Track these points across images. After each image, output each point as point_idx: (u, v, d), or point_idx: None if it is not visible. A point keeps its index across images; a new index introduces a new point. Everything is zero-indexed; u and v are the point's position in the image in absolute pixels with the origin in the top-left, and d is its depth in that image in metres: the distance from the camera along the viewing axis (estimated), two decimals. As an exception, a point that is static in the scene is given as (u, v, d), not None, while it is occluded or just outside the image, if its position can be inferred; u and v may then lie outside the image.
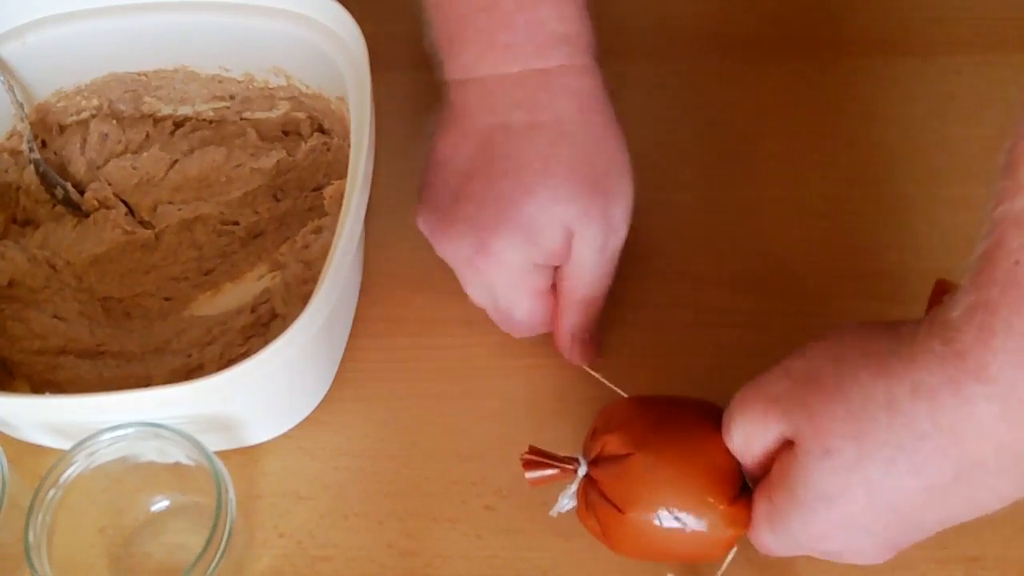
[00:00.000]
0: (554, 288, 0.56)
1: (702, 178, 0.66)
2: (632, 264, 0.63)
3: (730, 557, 0.50)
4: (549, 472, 0.50)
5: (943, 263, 0.59)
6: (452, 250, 0.55)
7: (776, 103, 0.69)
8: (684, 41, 0.72)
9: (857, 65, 0.70)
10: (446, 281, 0.63)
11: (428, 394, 0.60)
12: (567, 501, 0.51)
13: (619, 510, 0.48)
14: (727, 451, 0.49)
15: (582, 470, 0.50)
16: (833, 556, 0.47)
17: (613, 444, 0.49)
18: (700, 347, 0.59)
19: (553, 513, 0.52)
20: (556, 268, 0.55)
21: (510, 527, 0.55)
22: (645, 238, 0.64)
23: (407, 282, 0.64)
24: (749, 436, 0.47)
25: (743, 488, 0.49)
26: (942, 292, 0.46)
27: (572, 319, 0.57)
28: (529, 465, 0.50)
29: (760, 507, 0.47)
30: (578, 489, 0.51)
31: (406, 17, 0.75)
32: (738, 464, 0.49)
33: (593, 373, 0.55)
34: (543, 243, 0.53)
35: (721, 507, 0.48)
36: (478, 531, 0.55)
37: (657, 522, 0.48)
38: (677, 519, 0.48)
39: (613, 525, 0.49)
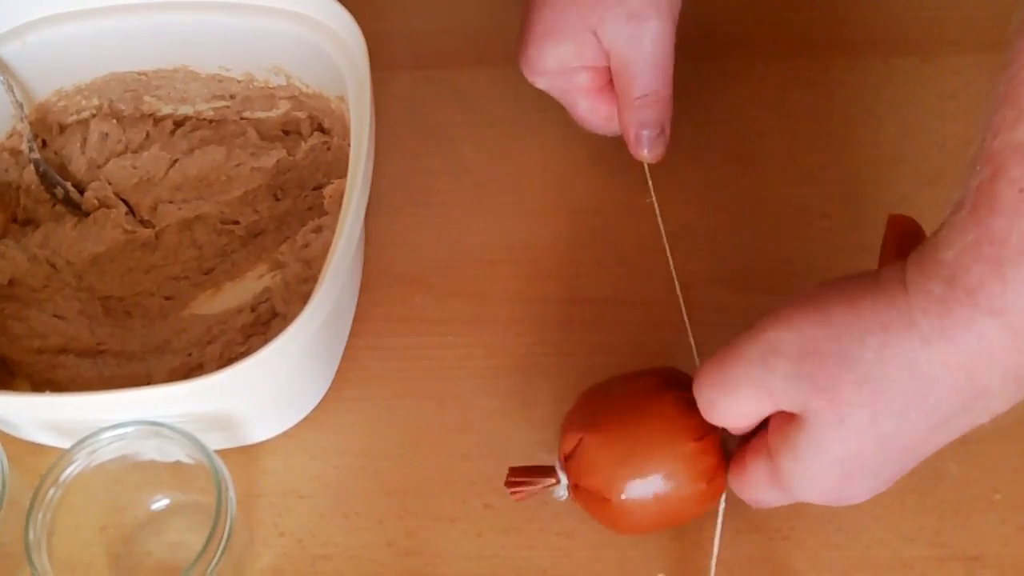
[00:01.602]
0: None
1: (702, 178, 0.66)
2: (632, 264, 0.63)
3: (721, 512, 0.51)
4: (533, 488, 0.51)
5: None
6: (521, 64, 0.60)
7: (776, 103, 0.69)
8: (684, 41, 0.72)
9: (857, 65, 0.70)
10: (446, 281, 0.64)
11: (428, 394, 0.60)
12: (562, 492, 0.52)
13: (603, 497, 0.49)
14: (677, 406, 0.49)
15: (563, 478, 0.51)
16: (832, 502, 0.47)
17: (568, 438, 0.50)
18: (700, 347, 0.59)
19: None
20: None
21: (510, 526, 0.55)
22: (645, 238, 0.64)
23: (407, 282, 0.64)
24: (738, 416, 0.47)
25: (706, 434, 0.49)
26: (901, 229, 0.47)
27: (631, 116, 0.58)
28: (513, 486, 0.51)
29: (758, 469, 0.47)
30: (568, 492, 0.52)
31: (406, 17, 0.76)
32: (693, 415, 0.49)
33: None
34: (570, 46, 0.56)
35: (684, 456, 0.49)
36: (478, 530, 0.55)
37: (638, 494, 0.49)
38: (651, 484, 0.49)
39: (605, 512, 0.50)
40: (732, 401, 0.46)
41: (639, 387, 0.51)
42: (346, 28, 0.60)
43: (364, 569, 0.55)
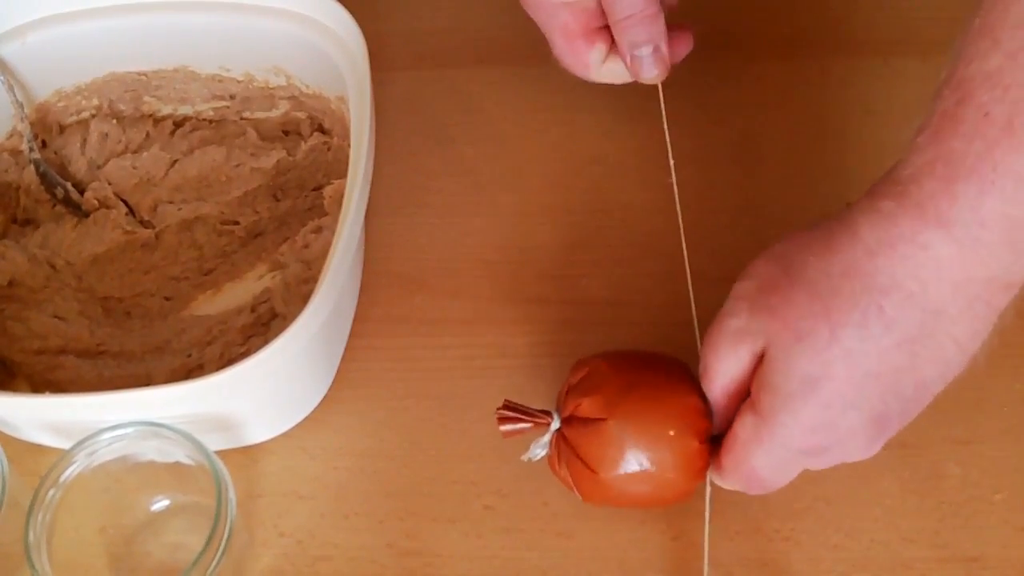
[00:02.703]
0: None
1: (702, 178, 0.66)
2: (632, 264, 0.63)
3: (708, 510, 0.51)
4: (523, 425, 0.51)
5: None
6: None
7: (776, 103, 0.69)
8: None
9: (857, 65, 0.70)
10: (446, 281, 0.64)
11: (428, 394, 0.60)
12: (539, 451, 0.52)
13: (591, 470, 0.49)
14: (696, 409, 0.49)
15: (555, 424, 0.51)
16: (827, 457, 0.47)
17: (587, 407, 0.50)
18: (697, 347, 0.59)
19: (524, 459, 0.52)
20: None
21: (510, 527, 0.55)
22: (645, 238, 0.64)
23: (407, 282, 0.64)
24: (725, 375, 0.48)
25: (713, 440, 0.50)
26: None
27: (622, 39, 0.56)
28: (503, 419, 0.51)
29: (745, 425, 0.47)
30: (551, 440, 0.52)
31: (406, 17, 0.76)
32: (708, 420, 0.49)
33: None
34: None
35: (691, 446, 0.49)
36: (478, 531, 0.55)
37: (628, 471, 0.49)
38: (644, 468, 0.49)
39: (585, 481, 0.50)
40: (717, 360, 0.48)
41: (659, 379, 0.51)
42: (346, 28, 0.60)
43: (364, 570, 0.54)
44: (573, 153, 0.68)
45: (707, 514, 0.52)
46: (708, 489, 0.52)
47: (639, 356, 0.52)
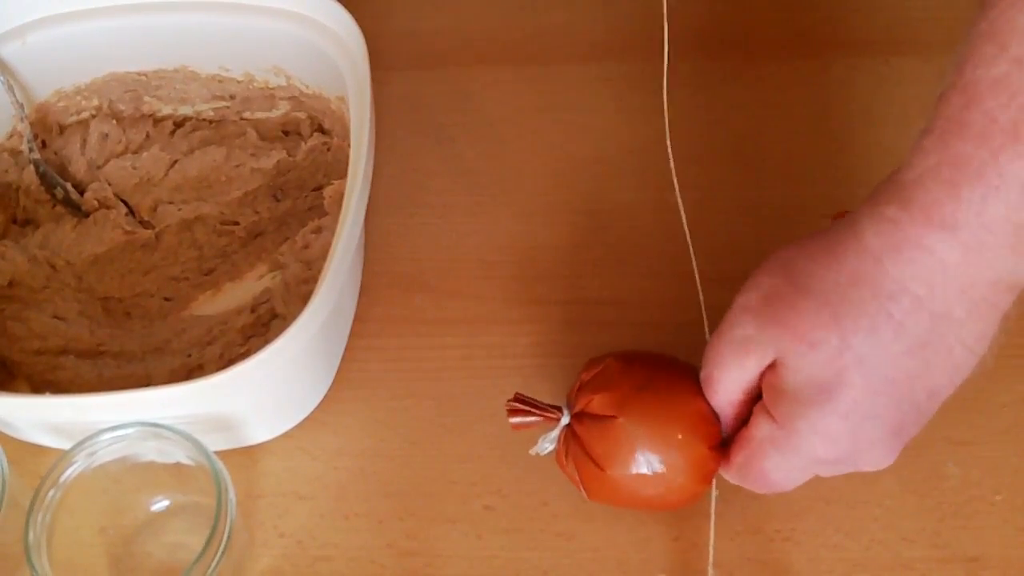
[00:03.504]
0: None
1: (702, 178, 0.66)
2: (632, 264, 0.63)
3: (713, 510, 0.51)
4: (532, 419, 0.51)
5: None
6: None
7: (776, 103, 0.69)
8: (684, 41, 0.72)
9: (857, 65, 0.70)
10: (446, 281, 0.64)
11: (428, 394, 0.60)
12: (547, 445, 0.52)
13: (599, 467, 0.49)
14: (707, 414, 0.49)
15: (564, 419, 0.51)
16: (842, 466, 0.47)
17: (598, 404, 0.50)
18: (700, 347, 0.59)
19: (532, 452, 0.52)
20: None
21: (510, 527, 0.55)
22: (645, 238, 0.64)
23: (407, 282, 0.64)
24: (729, 384, 0.48)
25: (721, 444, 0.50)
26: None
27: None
28: (513, 412, 0.51)
29: (761, 427, 0.47)
30: (559, 435, 0.52)
31: (406, 17, 0.76)
32: (717, 425, 0.49)
33: None
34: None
35: (701, 451, 0.49)
36: (478, 531, 0.55)
37: (637, 471, 0.49)
38: (654, 470, 0.49)
39: (592, 478, 0.50)
40: (721, 371, 0.48)
41: (670, 381, 0.51)
42: (346, 28, 0.60)
43: (364, 570, 0.54)
44: (573, 153, 0.68)
45: (712, 516, 0.52)
46: (714, 492, 0.52)
47: (652, 357, 0.52)
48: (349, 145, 0.56)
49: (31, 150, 0.66)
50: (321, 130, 0.67)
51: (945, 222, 0.41)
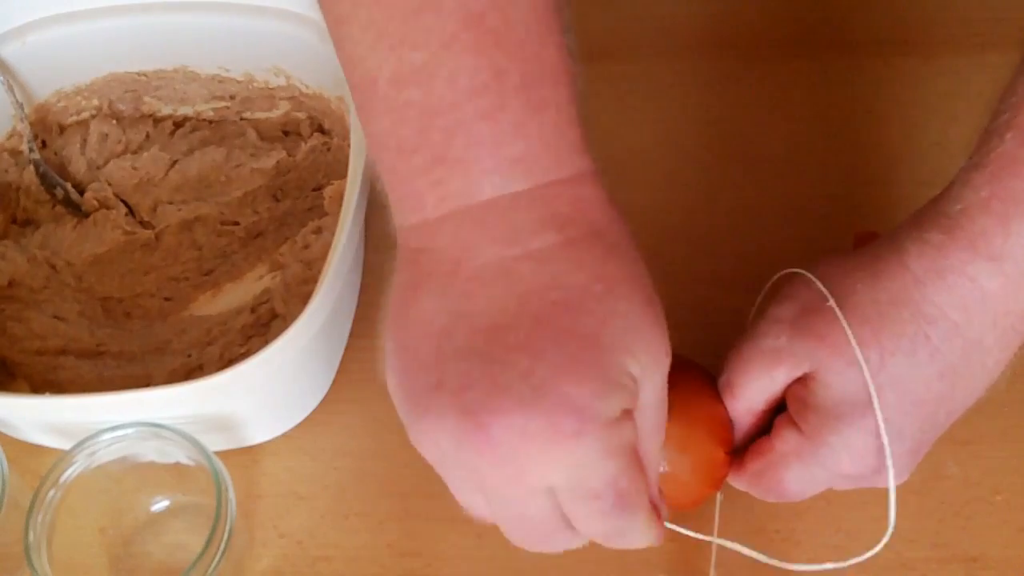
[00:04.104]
0: None
1: (702, 178, 0.66)
2: (632, 264, 0.63)
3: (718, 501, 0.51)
4: None
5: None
6: (508, 425, 0.38)
7: (776, 103, 0.69)
8: (684, 41, 0.72)
9: (857, 65, 0.70)
10: (446, 281, 0.63)
11: (428, 394, 0.59)
12: None
13: None
14: (724, 419, 0.49)
15: None
16: (862, 482, 0.47)
17: None
18: (700, 347, 0.59)
19: None
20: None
21: (510, 527, 0.55)
22: (645, 239, 0.64)
23: (407, 282, 0.63)
24: (754, 393, 0.47)
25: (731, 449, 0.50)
26: (865, 242, 0.49)
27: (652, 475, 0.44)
28: None
29: (786, 440, 0.47)
30: None
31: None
32: (732, 431, 0.49)
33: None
34: (622, 393, 0.39)
35: (715, 455, 0.49)
36: (478, 531, 0.55)
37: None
38: (663, 469, 0.48)
39: None
40: (747, 379, 0.47)
41: (686, 383, 0.50)
42: (346, 28, 0.60)
43: (364, 570, 0.54)
44: (573, 153, 0.67)
45: (716, 519, 0.51)
46: (719, 496, 0.51)
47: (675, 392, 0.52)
48: (349, 145, 0.56)
49: (31, 150, 0.66)
50: (321, 130, 0.67)
51: (993, 253, 0.42)
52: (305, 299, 0.51)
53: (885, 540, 0.47)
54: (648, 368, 0.41)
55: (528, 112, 0.38)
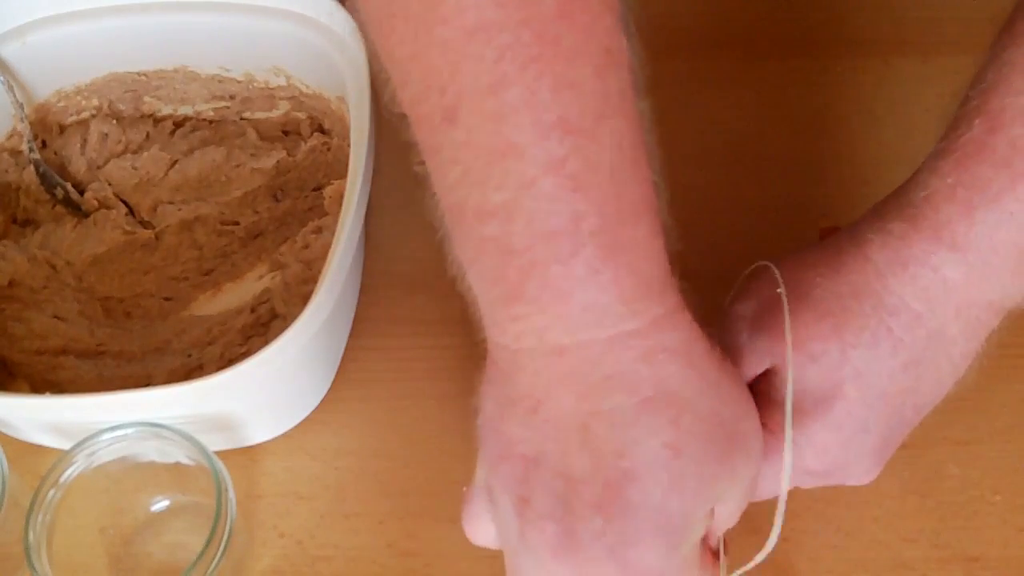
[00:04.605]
0: None
1: (702, 178, 0.66)
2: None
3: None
4: None
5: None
6: (581, 570, 0.41)
7: (776, 103, 0.69)
8: (684, 41, 0.72)
9: (857, 65, 0.70)
10: (446, 281, 0.63)
11: (428, 394, 0.60)
12: None
13: None
14: None
15: None
16: (828, 479, 0.47)
17: None
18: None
19: None
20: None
21: (510, 527, 0.55)
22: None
23: (407, 282, 0.63)
24: None
25: None
26: (829, 235, 0.49)
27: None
28: None
29: None
30: None
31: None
32: None
33: None
34: (695, 534, 0.42)
35: None
36: (478, 531, 0.55)
37: None
38: None
39: None
40: None
41: None
42: (346, 28, 0.60)
43: (364, 570, 0.55)
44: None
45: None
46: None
47: None
48: (349, 145, 0.56)
49: (31, 150, 0.66)
50: (321, 130, 0.67)
51: (956, 242, 0.41)
52: (305, 299, 0.51)
53: (769, 549, 0.47)
54: (727, 492, 0.42)
55: (604, 256, 0.37)
